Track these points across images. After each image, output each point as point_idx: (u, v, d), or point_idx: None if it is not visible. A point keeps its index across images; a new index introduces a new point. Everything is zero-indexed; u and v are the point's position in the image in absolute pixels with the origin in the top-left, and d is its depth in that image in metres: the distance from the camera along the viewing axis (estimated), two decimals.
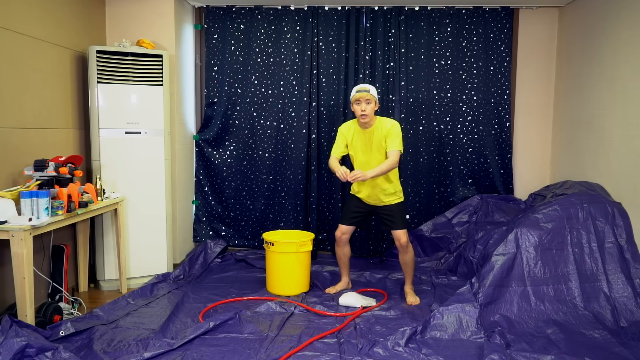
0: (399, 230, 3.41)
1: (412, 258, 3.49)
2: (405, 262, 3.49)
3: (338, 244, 3.60)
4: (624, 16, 3.50)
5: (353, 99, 3.30)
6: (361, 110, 3.26)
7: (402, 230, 3.41)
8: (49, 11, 3.40)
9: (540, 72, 4.57)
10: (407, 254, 3.46)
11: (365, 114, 3.26)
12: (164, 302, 3.45)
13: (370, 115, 3.29)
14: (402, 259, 3.50)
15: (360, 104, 3.27)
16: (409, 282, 3.56)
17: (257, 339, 2.81)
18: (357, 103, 3.28)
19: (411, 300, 3.44)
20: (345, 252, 3.62)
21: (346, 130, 3.47)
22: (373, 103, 3.28)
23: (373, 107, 3.29)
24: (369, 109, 3.26)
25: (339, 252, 3.63)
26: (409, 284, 3.56)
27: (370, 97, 3.26)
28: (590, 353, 2.64)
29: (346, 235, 3.56)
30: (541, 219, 3.39)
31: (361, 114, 3.27)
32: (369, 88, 3.29)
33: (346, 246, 3.61)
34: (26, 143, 3.19)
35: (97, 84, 3.65)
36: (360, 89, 3.28)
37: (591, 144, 3.90)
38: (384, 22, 4.47)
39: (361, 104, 3.26)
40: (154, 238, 3.93)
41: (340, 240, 3.58)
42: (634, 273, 3.19)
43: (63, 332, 2.80)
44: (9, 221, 2.70)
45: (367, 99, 3.25)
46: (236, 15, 4.53)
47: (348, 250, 3.63)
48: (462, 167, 4.60)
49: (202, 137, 4.60)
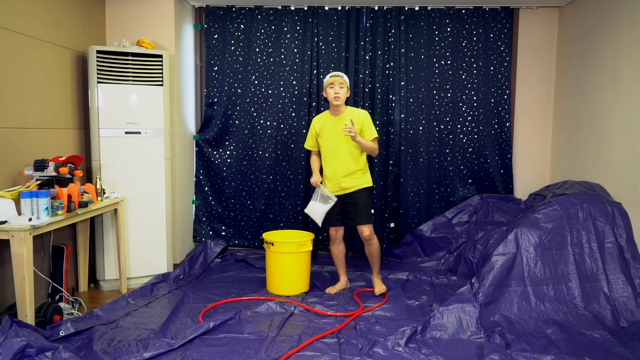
0: (362, 225, 3.50)
1: (377, 249, 3.60)
2: (371, 254, 3.60)
3: (333, 242, 3.68)
4: (625, 16, 3.50)
5: (327, 83, 3.44)
6: (334, 92, 3.40)
7: (365, 225, 3.50)
8: (49, 11, 3.40)
9: (540, 72, 4.57)
10: (372, 246, 3.57)
11: (339, 96, 3.40)
12: (164, 302, 3.45)
13: (343, 99, 3.43)
14: (367, 250, 3.61)
15: (334, 87, 3.41)
16: (375, 272, 3.67)
17: (257, 339, 2.81)
18: (330, 87, 3.42)
19: (378, 289, 3.58)
20: (341, 249, 3.70)
21: (316, 121, 3.60)
22: (346, 88, 3.44)
23: (345, 92, 3.43)
24: (342, 93, 3.41)
25: (335, 249, 3.69)
26: (376, 273, 3.67)
27: (343, 82, 3.42)
28: (590, 353, 2.64)
29: (340, 232, 3.65)
30: (541, 219, 3.39)
31: (334, 96, 3.40)
32: (343, 75, 3.46)
33: (341, 244, 3.69)
34: (26, 143, 3.19)
35: (97, 84, 3.65)
36: (333, 75, 3.45)
37: (591, 144, 3.90)
38: (384, 22, 4.47)
39: (335, 87, 3.41)
40: (154, 238, 3.94)
41: (335, 239, 3.66)
42: (634, 273, 3.19)
43: (63, 332, 2.80)
44: (9, 221, 2.70)
45: (340, 82, 3.41)
46: (236, 15, 4.53)
47: (343, 247, 3.71)
48: (462, 167, 4.60)
49: (202, 137, 4.60)
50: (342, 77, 3.42)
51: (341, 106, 3.46)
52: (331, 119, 3.51)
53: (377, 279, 3.67)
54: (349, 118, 3.41)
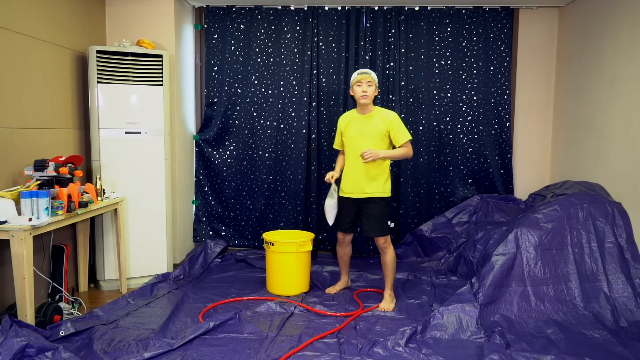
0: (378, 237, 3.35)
1: (391, 260, 3.36)
2: (384, 263, 3.39)
3: (340, 245, 3.60)
4: (624, 16, 3.50)
5: (354, 81, 3.32)
6: (362, 91, 3.28)
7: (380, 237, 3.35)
8: (49, 11, 3.40)
9: (540, 72, 4.57)
10: (386, 255, 3.37)
11: (367, 94, 3.28)
12: (164, 302, 3.45)
13: (371, 98, 3.31)
14: (381, 259, 3.42)
15: (362, 85, 3.29)
16: (388, 285, 3.40)
17: (257, 339, 2.81)
18: (358, 85, 3.31)
19: (383, 306, 3.30)
20: (347, 251, 3.63)
21: (342, 120, 3.50)
22: (374, 87, 3.32)
23: (373, 91, 3.32)
24: (370, 91, 3.29)
25: (340, 251, 3.63)
26: (388, 287, 3.40)
27: (371, 80, 3.30)
28: (590, 353, 2.64)
29: (348, 237, 3.57)
30: (541, 219, 3.39)
31: (362, 95, 3.28)
32: (371, 72, 3.34)
33: (348, 246, 3.61)
34: (26, 143, 3.19)
35: (97, 84, 3.65)
36: (361, 72, 3.33)
37: (591, 144, 3.90)
38: (384, 22, 4.47)
39: (362, 85, 3.29)
40: (154, 238, 3.93)
41: (342, 242, 3.58)
42: (634, 273, 3.19)
43: (63, 332, 2.80)
44: (9, 221, 2.70)
45: (368, 81, 3.29)
46: (236, 15, 4.53)
47: (350, 250, 3.64)
48: (462, 167, 4.60)
49: (202, 137, 4.60)
50: (370, 74, 3.31)
51: (369, 105, 3.34)
52: (357, 118, 3.38)
53: (386, 293, 3.38)
54: (377, 118, 3.30)
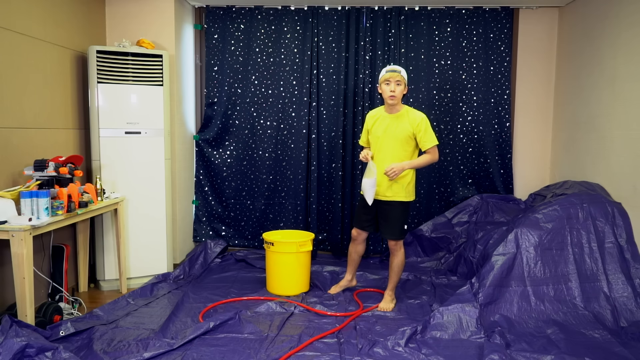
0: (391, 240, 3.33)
1: (399, 263, 3.35)
2: (391, 264, 3.38)
3: (353, 242, 3.51)
4: (624, 16, 3.50)
5: (382, 79, 3.21)
6: (390, 90, 3.17)
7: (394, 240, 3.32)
8: (49, 11, 3.40)
9: (540, 72, 4.57)
10: (395, 257, 3.35)
11: (394, 94, 3.17)
12: (164, 302, 3.45)
13: (399, 97, 3.20)
14: (390, 259, 3.40)
15: (390, 84, 3.18)
16: (390, 285, 3.39)
17: (257, 339, 2.81)
18: (386, 83, 3.19)
19: (383, 306, 3.31)
20: (359, 250, 3.52)
21: (370, 117, 3.39)
22: (403, 85, 3.20)
23: (402, 90, 3.20)
24: (398, 91, 3.18)
25: (352, 249, 3.54)
26: (390, 288, 3.39)
27: (400, 79, 3.18)
28: (590, 353, 2.64)
29: (363, 235, 3.48)
30: (541, 219, 3.39)
31: (390, 95, 3.17)
32: (400, 69, 3.21)
33: (360, 245, 3.50)
34: (26, 143, 3.19)
35: (97, 84, 3.65)
36: (390, 69, 3.20)
37: (591, 144, 3.90)
38: (384, 22, 4.47)
39: (391, 84, 3.17)
40: (154, 238, 3.93)
41: (356, 239, 3.49)
42: (634, 273, 3.19)
43: (63, 332, 2.80)
44: (9, 221, 2.70)
45: (397, 80, 3.17)
46: (236, 15, 4.53)
47: (362, 249, 3.53)
48: (462, 167, 4.60)
49: (202, 137, 4.60)
50: (399, 72, 3.17)
51: (397, 104, 3.23)
52: (384, 116, 3.28)
53: (387, 293, 3.38)
54: (404, 119, 3.20)
